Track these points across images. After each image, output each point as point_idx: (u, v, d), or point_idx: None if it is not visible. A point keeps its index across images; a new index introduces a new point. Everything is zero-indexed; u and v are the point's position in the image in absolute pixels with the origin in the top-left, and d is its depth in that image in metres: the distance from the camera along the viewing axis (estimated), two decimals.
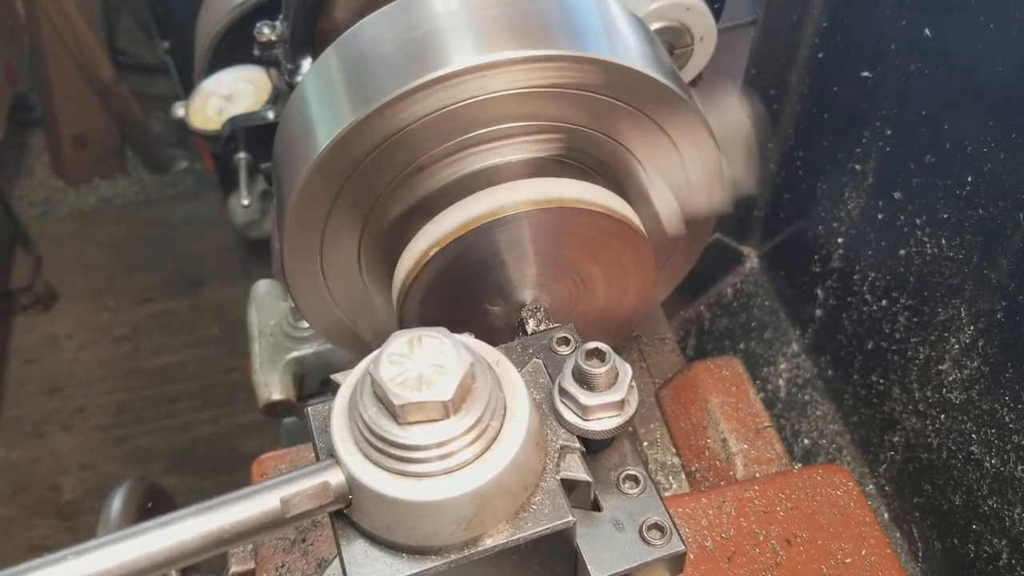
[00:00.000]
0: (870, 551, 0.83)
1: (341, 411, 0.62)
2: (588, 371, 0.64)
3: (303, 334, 1.33)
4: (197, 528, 0.58)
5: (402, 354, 0.59)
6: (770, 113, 1.37)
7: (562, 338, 0.73)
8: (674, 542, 0.64)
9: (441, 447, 0.58)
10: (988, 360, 1.02)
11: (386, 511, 0.59)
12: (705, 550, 0.83)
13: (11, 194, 3.61)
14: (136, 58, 3.97)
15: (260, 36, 1.20)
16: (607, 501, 0.66)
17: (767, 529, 0.85)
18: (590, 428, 0.65)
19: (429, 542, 0.60)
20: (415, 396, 0.57)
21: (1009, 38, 0.93)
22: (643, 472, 0.68)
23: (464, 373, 0.58)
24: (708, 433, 1.03)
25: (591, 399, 0.64)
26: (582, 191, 0.89)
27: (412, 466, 0.58)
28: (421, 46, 0.83)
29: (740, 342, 1.49)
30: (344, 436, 0.61)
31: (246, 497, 0.59)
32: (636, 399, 0.66)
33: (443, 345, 0.59)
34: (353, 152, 0.83)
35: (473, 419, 0.59)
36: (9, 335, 3.21)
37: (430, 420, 0.58)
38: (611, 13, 0.90)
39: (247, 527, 0.59)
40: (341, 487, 0.60)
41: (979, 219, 1.01)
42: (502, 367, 0.64)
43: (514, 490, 0.61)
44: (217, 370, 3.03)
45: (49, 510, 2.74)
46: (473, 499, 0.59)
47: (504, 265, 0.91)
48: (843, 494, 0.87)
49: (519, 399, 0.62)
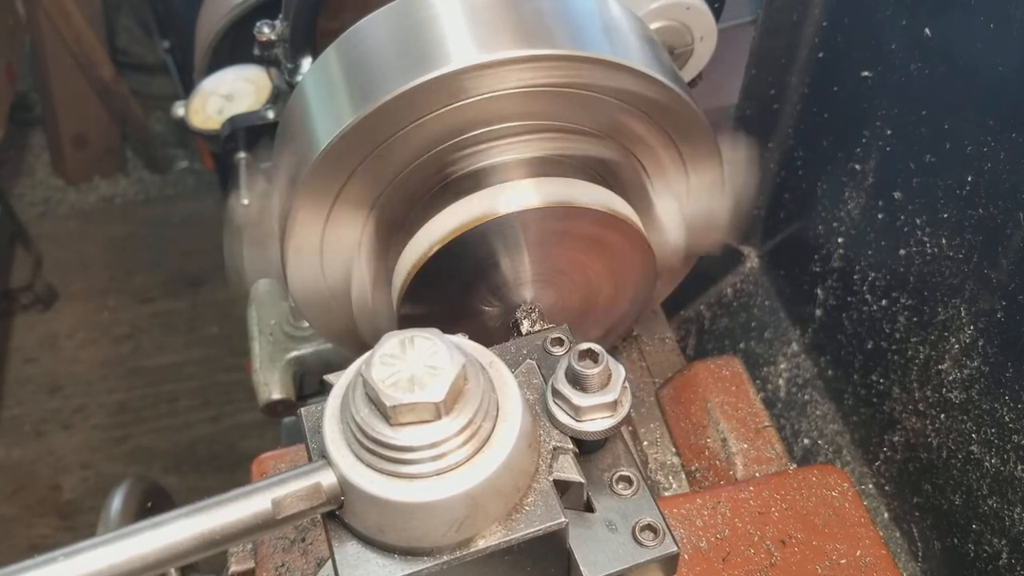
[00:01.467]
0: (865, 552, 0.83)
1: (333, 412, 0.62)
2: (581, 372, 0.64)
3: (303, 333, 1.33)
4: (188, 529, 0.57)
5: (394, 355, 0.59)
6: (770, 113, 1.37)
7: (556, 339, 0.73)
8: (667, 543, 0.64)
9: (433, 448, 0.58)
10: (988, 360, 1.02)
11: (378, 512, 0.59)
12: (700, 551, 0.83)
13: (11, 194, 3.61)
14: (136, 58, 3.97)
15: (260, 36, 1.20)
16: (600, 502, 0.66)
17: (762, 530, 0.85)
18: (583, 429, 0.65)
19: (421, 543, 0.60)
20: (407, 397, 0.57)
21: (1009, 38, 0.93)
22: (636, 473, 0.68)
23: (456, 374, 0.58)
24: (708, 433, 1.03)
25: (584, 400, 0.64)
26: (582, 191, 0.89)
27: (404, 467, 0.58)
28: (421, 45, 0.83)
29: (740, 342, 1.49)
30: (336, 437, 0.61)
31: (237, 498, 0.59)
32: (629, 400, 0.66)
33: (435, 346, 0.59)
34: (353, 152, 0.83)
35: (465, 420, 0.58)
36: (9, 335, 3.21)
37: (422, 421, 0.58)
38: (611, 13, 0.90)
39: (238, 528, 0.58)
40: (333, 488, 0.60)
41: (979, 219, 1.01)
42: (495, 368, 0.64)
43: (506, 491, 0.61)
44: (217, 369, 3.03)
45: (49, 509, 2.74)
46: (465, 500, 0.58)
47: (504, 265, 0.91)
48: (838, 495, 0.87)
49: (512, 400, 0.62)
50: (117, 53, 3.86)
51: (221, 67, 1.54)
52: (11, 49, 3.30)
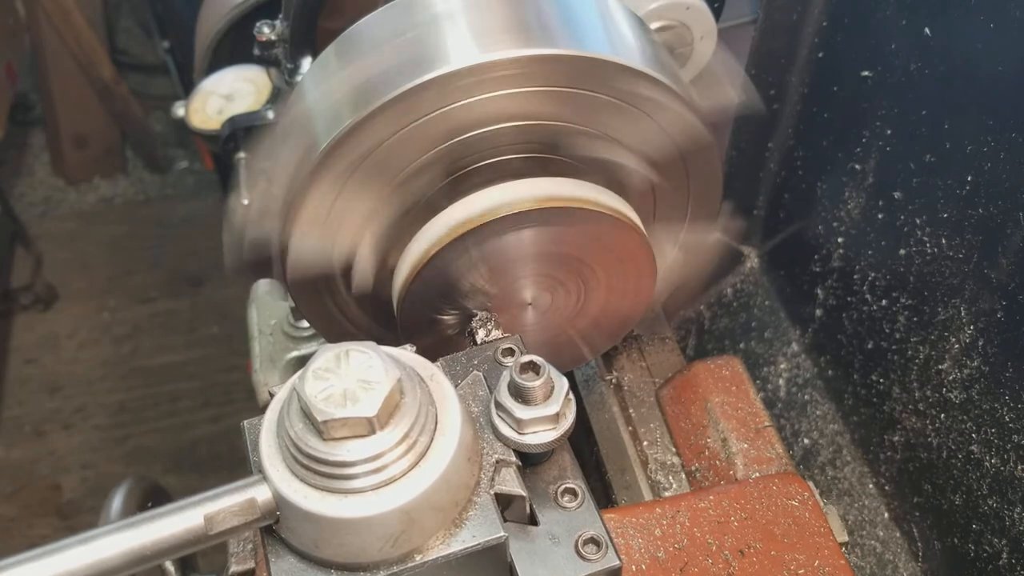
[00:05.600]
0: (823, 562, 0.82)
1: (270, 426, 0.62)
2: (523, 385, 0.64)
3: (303, 334, 1.34)
4: (117, 545, 0.57)
5: (328, 369, 0.58)
6: (770, 113, 1.37)
7: (507, 349, 0.73)
8: (609, 556, 0.64)
9: (367, 463, 0.57)
10: (988, 360, 1.02)
11: (312, 528, 0.58)
12: (658, 560, 0.82)
13: (11, 194, 3.61)
14: (136, 58, 3.97)
15: (260, 36, 1.21)
16: (544, 515, 0.66)
17: (720, 540, 0.83)
18: (526, 442, 0.64)
19: (358, 558, 0.59)
20: (339, 412, 0.56)
21: (1009, 38, 0.93)
22: (582, 485, 0.67)
23: (391, 388, 0.57)
24: (708, 433, 1.03)
25: (526, 412, 0.64)
26: (582, 191, 0.89)
27: (338, 483, 0.57)
28: (421, 45, 0.82)
29: (740, 342, 1.49)
30: (272, 452, 0.60)
31: (169, 514, 0.58)
32: (573, 412, 0.65)
33: (371, 360, 0.59)
34: (353, 152, 0.83)
35: (400, 434, 0.58)
36: (9, 335, 3.21)
37: (356, 436, 0.57)
38: (611, 13, 0.89)
39: (169, 544, 0.58)
40: (268, 504, 0.59)
41: (979, 219, 1.01)
42: (435, 381, 0.64)
43: (444, 506, 0.60)
44: (217, 369, 3.03)
45: (49, 510, 2.74)
46: (400, 516, 0.58)
47: (504, 264, 0.91)
48: (799, 504, 0.86)
49: (451, 413, 0.62)
50: (117, 53, 3.85)
51: (221, 67, 1.54)
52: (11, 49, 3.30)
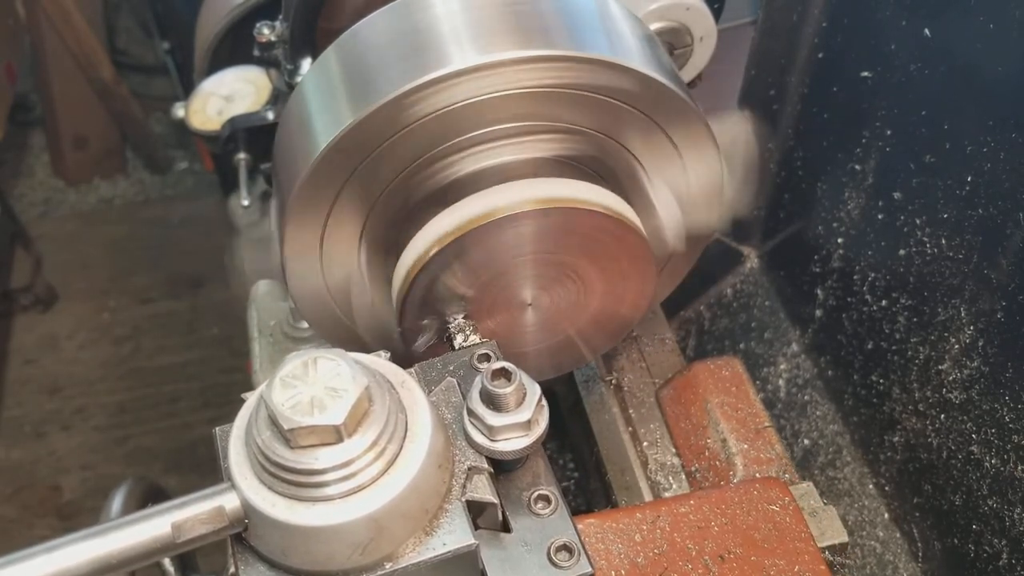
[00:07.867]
0: (803, 567, 0.82)
1: (239, 434, 0.61)
2: (494, 391, 0.64)
3: (303, 334, 1.33)
4: (83, 554, 0.56)
5: (296, 376, 0.58)
6: (770, 113, 1.37)
7: (483, 355, 0.73)
8: (582, 563, 0.64)
9: (335, 471, 0.57)
10: (988, 360, 1.02)
11: (280, 536, 0.58)
12: (637, 566, 0.81)
13: (11, 194, 3.60)
14: (136, 58, 3.97)
15: (260, 36, 1.20)
16: (518, 522, 0.66)
17: (701, 545, 0.83)
18: (498, 448, 0.64)
19: (327, 567, 0.59)
20: (306, 420, 0.56)
21: (1009, 38, 0.93)
22: (556, 491, 0.67)
23: (359, 396, 0.57)
24: (708, 433, 1.03)
25: (498, 419, 0.64)
26: (582, 191, 0.89)
27: (305, 491, 0.57)
28: (421, 46, 0.83)
29: (740, 342, 1.48)
30: (240, 460, 0.60)
31: (136, 522, 0.58)
32: (546, 419, 0.65)
33: (338, 367, 0.58)
34: (353, 153, 0.83)
35: (368, 442, 0.57)
36: (9, 335, 3.20)
37: (324, 444, 0.57)
38: (611, 13, 0.89)
39: (136, 552, 0.57)
40: (236, 511, 0.59)
41: (979, 219, 1.01)
42: (406, 388, 0.63)
43: (414, 513, 0.60)
44: (217, 370, 3.03)
45: (49, 510, 2.74)
46: (368, 523, 0.57)
47: (504, 265, 0.91)
48: (779, 509, 0.86)
49: (421, 420, 0.61)
50: (117, 54, 3.85)
51: (221, 68, 1.54)
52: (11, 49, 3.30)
